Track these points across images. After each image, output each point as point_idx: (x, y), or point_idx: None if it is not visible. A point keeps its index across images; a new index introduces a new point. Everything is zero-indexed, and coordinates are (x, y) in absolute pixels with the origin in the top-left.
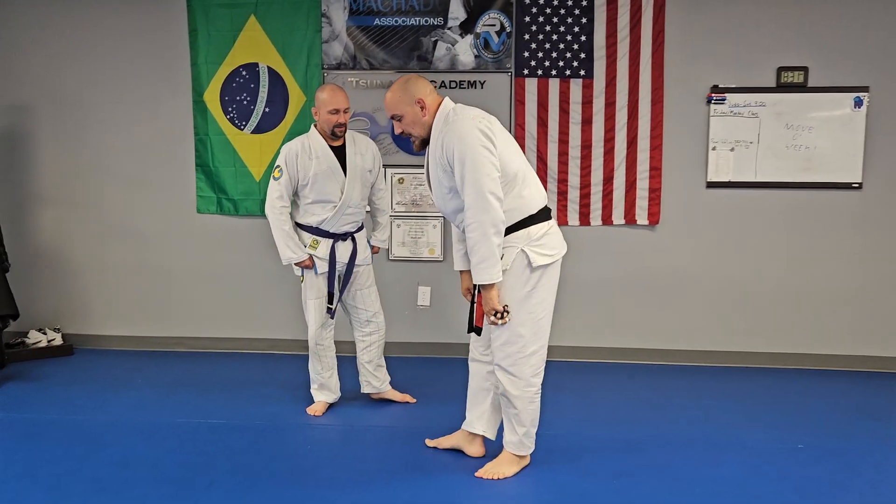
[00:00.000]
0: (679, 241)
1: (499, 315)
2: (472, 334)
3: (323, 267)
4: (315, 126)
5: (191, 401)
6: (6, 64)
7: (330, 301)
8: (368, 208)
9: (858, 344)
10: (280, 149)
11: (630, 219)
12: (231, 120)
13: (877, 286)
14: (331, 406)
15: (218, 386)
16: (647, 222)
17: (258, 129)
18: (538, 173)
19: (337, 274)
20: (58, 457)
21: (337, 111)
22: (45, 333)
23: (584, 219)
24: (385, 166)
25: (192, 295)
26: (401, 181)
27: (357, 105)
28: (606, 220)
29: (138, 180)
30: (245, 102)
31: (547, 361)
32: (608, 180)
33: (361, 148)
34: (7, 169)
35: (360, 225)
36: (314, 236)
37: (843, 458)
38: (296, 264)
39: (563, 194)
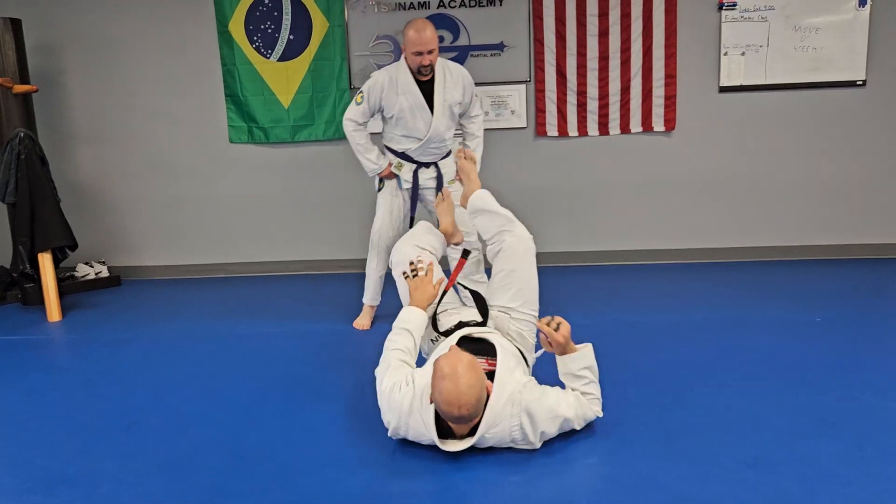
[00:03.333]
0: (694, 144)
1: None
2: None
3: (406, 184)
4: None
5: (248, 317)
6: (32, 5)
7: (410, 223)
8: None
9: (866, 232)
10: (371, 75)
11: (647, 126)
12: (257, 49)
13: (881, 177)
14: (375, 321)
15: (266, 305)
16: (663, 129)
17: (284, 57)
18: (557, 87)
19: (419, 194)
20: (148, 365)
21: (420, 53)
22: (91, 266)
23: (604, 128)
24: None
25: (229, 222)
26: None
27: (381, 28)
28: (625, 128)
29: (169, 114)
30: (270, 31)
31: (573, 266)
32: (625, 90)
33: (452, 81)
34: (40, 110)
35: (446, 153)
36: (399, 159)
37: (860, 327)
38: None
39: (582, 106)
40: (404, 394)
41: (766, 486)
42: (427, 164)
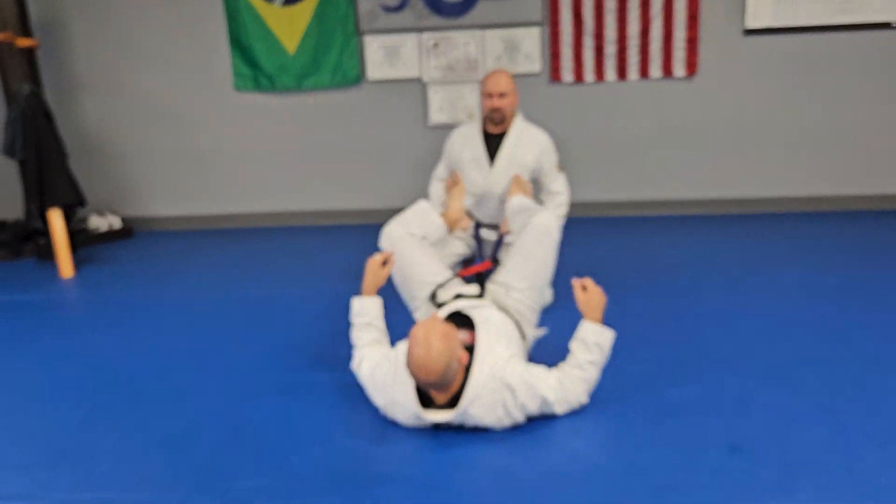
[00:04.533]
0: (716, 90)
1: None
2: None
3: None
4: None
5: (254, 274)
6: None
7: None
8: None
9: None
10: None
11: (667, 71)
12: None
13: None
14: None
15: (275, 261)
16: (684, 74)
17: (288, 1)
18: (573, 29)
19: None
20: (154, 331)
21: (490, 95)
22: (104, 217)
23: (622, 73)
24: (420, 29)
25: (236, 171)
26: (436, 45)
27: None
28: (644, 73)
29: (175, 62)
30: None
31: (586, 217)
32: (644, 32)
33: (525, 140)
34: (44, 61)
35: None
36: (470, 209)
37: (878, 292)
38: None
39: (599, 50)
40: (386, 371)
41: (745, 474)
42: (490, 226)
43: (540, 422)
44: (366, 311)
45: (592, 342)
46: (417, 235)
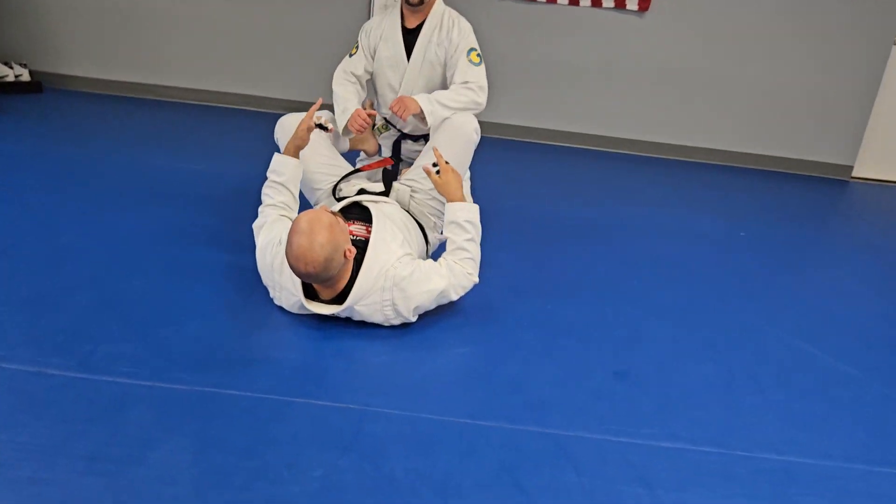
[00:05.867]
0: (668, 29)
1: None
2: None
3: (385, 153)
4: None
5: (165, 146)
6: None
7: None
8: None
9: (824, 150)
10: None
11: (620, 3)
12: None
13: (843, 92)
14: None
15: (191, 137)
16: (636, 8)
17: None
18: None
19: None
20: (42, 186)
21: None
22: (11, 67)
23: None
24: None
25: (166, 40)
26: None
27: None
28: (596, 2)
29: None
30: None
31: (524, 142)
32: None
33: (444, 33)
34: None
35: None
36: (386, 121)
37: (784, 250)
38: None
39: None
40: (276, 253)
41: (623, 400)
42: (415, 138)
43: (431, 323)
44: (283, 170)
45: (464, 220)
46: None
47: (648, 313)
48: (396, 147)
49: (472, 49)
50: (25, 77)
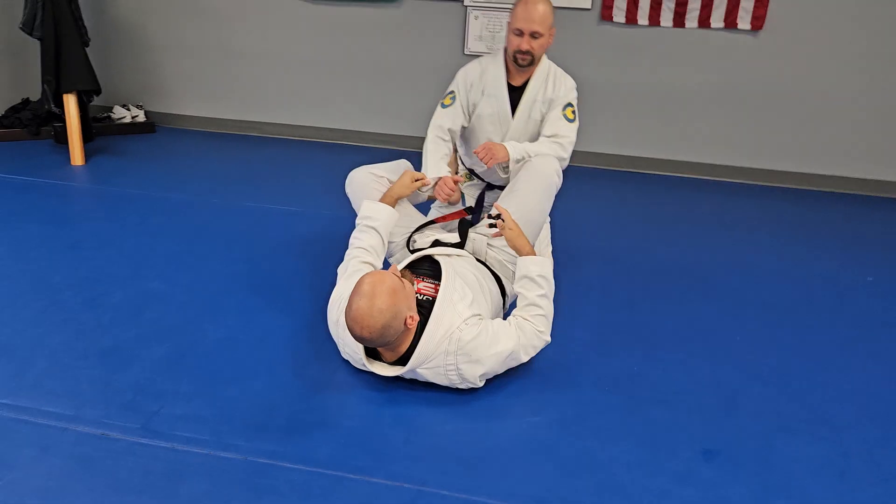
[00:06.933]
0: (784, 50)
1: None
2: None
3: (470, 202)
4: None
5: (262, 186)
6: None
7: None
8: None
9: None
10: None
11: (731, 22)
12: None
13: None
14: None
15: (286, 175)
16: (749, 27)
17: None
18: None
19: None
20: (140, 229)
21: (520, 32)
22: (128, 109)
23: (679, 19)
24: None
25: (266, 77)
26: None
27: None
28: (704, 22)
29: None
30: None
31: (623, 171)
32: None
33: (549, 92)
34: None
35: None
36: (470, 171)
37: None
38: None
39: None
40: (342, 309)
41: (712, 487)
42: (501, 188)
43: (502, 385)
44: (376, 216)
45: (536, 274)
46: (384, 179)
47: (750, 376)
48: (480, 198)
49: (568, 105)
50: (141, 118)
